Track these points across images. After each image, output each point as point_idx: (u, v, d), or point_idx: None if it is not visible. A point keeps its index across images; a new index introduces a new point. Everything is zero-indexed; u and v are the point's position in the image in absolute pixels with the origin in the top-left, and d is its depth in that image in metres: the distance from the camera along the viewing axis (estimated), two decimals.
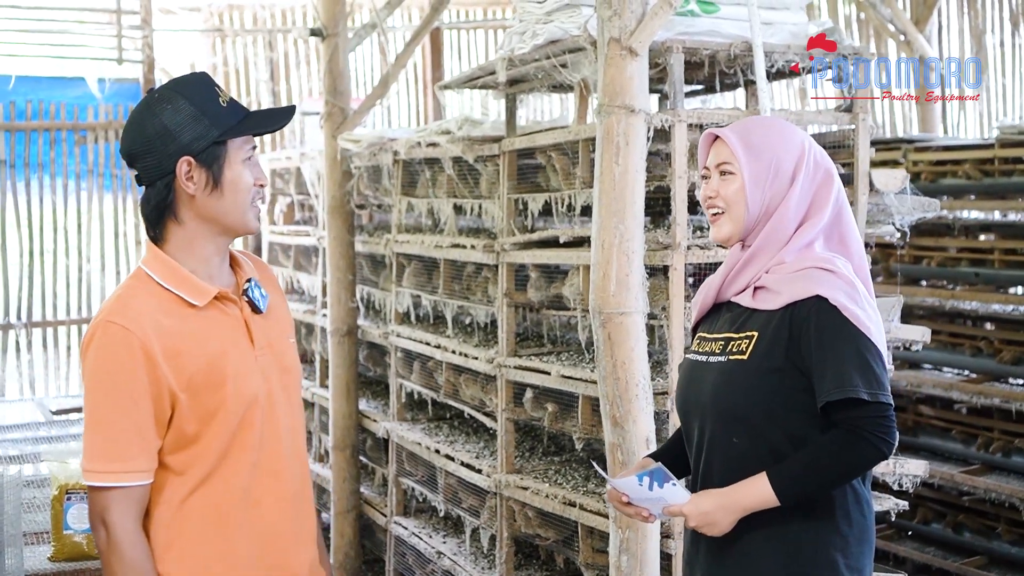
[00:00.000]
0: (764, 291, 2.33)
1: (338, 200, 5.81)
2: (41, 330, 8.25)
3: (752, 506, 2.22)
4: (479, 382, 4.49)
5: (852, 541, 2.30)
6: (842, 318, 2.20)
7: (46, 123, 8.19)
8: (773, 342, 2.25)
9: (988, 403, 5.42)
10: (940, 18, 7.28)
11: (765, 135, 2.37)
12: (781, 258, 2.33)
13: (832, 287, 2.23)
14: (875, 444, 2.15)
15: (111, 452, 2.11)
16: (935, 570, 5.63)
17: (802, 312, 2.24)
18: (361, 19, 7.96)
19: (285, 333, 2.35)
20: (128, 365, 2.10)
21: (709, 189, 2.40)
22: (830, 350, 2.19)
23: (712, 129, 2.43)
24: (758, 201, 2.34)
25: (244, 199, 2.22)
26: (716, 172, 2.39)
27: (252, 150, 2.25)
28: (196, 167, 2.17)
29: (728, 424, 2.28)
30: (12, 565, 3.43)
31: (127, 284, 2.23)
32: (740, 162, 2.34)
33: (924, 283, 6.00)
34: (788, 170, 2.34)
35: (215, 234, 2.23)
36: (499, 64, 4.02)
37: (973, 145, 5.87)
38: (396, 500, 5.26)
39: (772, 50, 3.53)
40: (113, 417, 2.11)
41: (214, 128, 2.17)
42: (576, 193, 3.80)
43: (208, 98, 2.19)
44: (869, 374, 2.17)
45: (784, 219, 2.33)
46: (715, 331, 2.40)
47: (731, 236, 2.38)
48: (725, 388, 2.29)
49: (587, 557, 3.78)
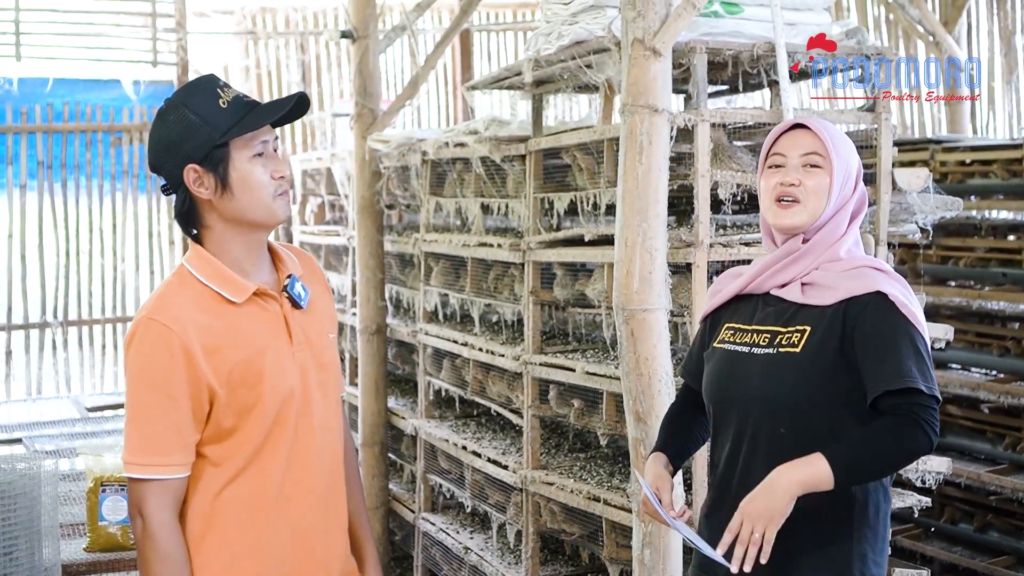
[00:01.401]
0: (814, 287, 2.35)
1: (367, 200, 5.88)
2: (77, 329, 8.37)
3: (810, 485, 2.16)
4: (506, 379, 4.54)
5: (880, 535, 2.34)
6: (900, 314, 2.25)
7: (82, 125, 8.32)
8: (826, 335, 2.29)
9: (1015, 403, 5.41)
10: (969, 19, 7.26)
11: (840, 136, 2.43)
12: (834, 254, 2.37)
13: (889, 284, 2.29)
14: (927, 433, 2.16)
15: (149, 446, 2.17)
16: (962, 570, 5.62)
17: (858, 307, 2.28)
18: (392, 21, 8.02)
19: (325, 330, 2.37)
20: (168, 363, 2.15)
21: (790, 176, 2.38)
22: (889, 343, 2.23)
23: (796, 119, 2.45)
24: (836, 198, 2.38)
25: (261, 194, 2.24)
26: (799, 160, 2.39)
27: (263, 144, 2.24)
28: (203, 173, 2.21)
29: (777, 414, 2.29)
30: (49, 555, 3.52)
31: (169, 281, 2.27)
32: (831, 156, 2.37)
33: (952, 283, 5.99)
34: (855, 174, 2.42)
35: (244, 232, 2.26)
36: (525, 65, 4.08)
37: (1001, 145, 5.86)
38: (424, 496, 5.32)
39: (795, 50, 3.57)
40: (152, 413, 2.17)
41: (214, 132, 2.20)
42: (601, 192, 3.85)
43: (208, 102, 2.21)
44: (925, 368, 2.22)
45: (842, 220, 2.39)
46: (755, 323, 2.42)
47: (802, 226, 2.39)
48: (777, 379, 2.31)
49: (611, 552, 3.82)
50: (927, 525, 5.86)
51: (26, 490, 3.34)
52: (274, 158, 2.27)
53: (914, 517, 5.69)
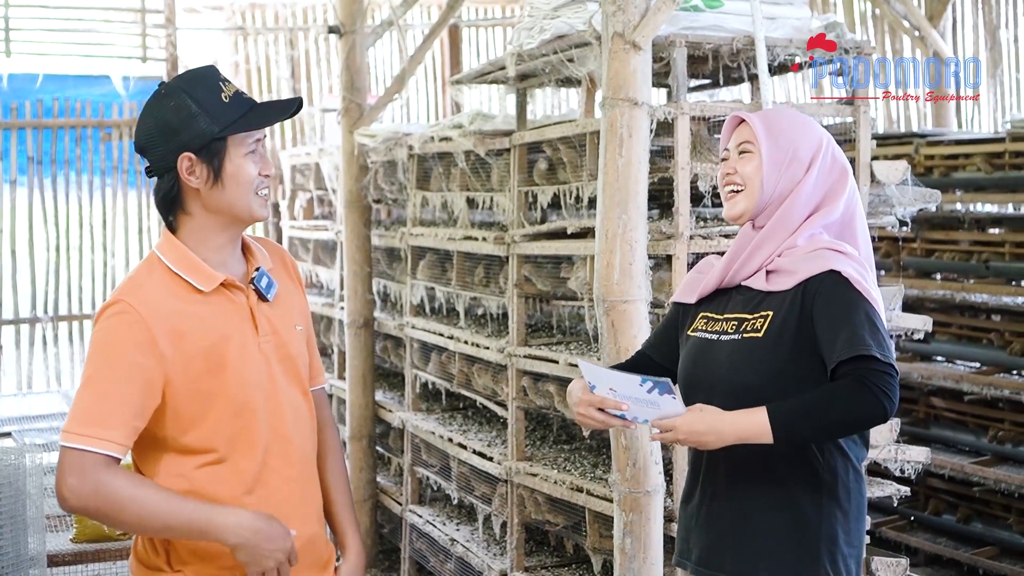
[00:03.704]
0: (777, 274, 2.41)
1: (355, 195, 5.90)
2: (67, 324, 8.40)
3: (746, 436, 2.23)
4: (490, 372, 4.58)
5: (851, 516, 2.37)
6: (854, 289, 2.30)
7: (72, 120, 8.34)
8: (787, 318, 2.34)
9: (998, 394, 5.46)
10: (954, 14, 7.30)
11: (785, 122, 2.48)
12: (792, 242, 2.42)
13: (843, 263, 2.33)
14: (879, 398, 2.17)
15: (90, 418, 2.14)
16: (946, 560, 5.67)
17: (814, 286, 2.32)
18: (380, 17, 8.05)
19: (293, 322, 2.39)
20: (130, 345, 2.17)
21: (727, 166, 2.49)
22: (842, 316, 2.27)
23: (736, 113, 2.53)
24: (773, 181, 2.42)
25: (247, 190, 2.28)
26: (736, 151, 2.48)
27: (256, 142, 2.29)
28: (197, 162, 2.24)
29: (740, 398, 2.32)
30: (35, 546, 3.55)
31: (140, 267, 2.31)
32: (760, 142, 2.43)
33: (937, 277, 6.03)
34: (804, 158, 2.43)
35: (223, 224, 2.30)
36: (508, 59, 4.11)
37: (984, 139, 5.91)
38: (411, 489, 5.35)
39: (774, 44, 3.60)
40: (103, 388, 2.16)
41: (214, 125, 2.23)
42: (583, 185, 3.88)
43: (211, 94, 2.24)
44: (880, 338, 2.25)
45: (796, 204, 2.42)
46: (726, 312, 2.47)
47: (744, 213, 2.46)
48: (740, 364, 2.36)
49: (594, 542, 3.86)
50: (911, 516, 5.91)
51: (11, 480, 3.37)
52: (263, 156, 2.32)
53: (898, 508, 5.73)
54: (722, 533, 2.40)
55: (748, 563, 2.35)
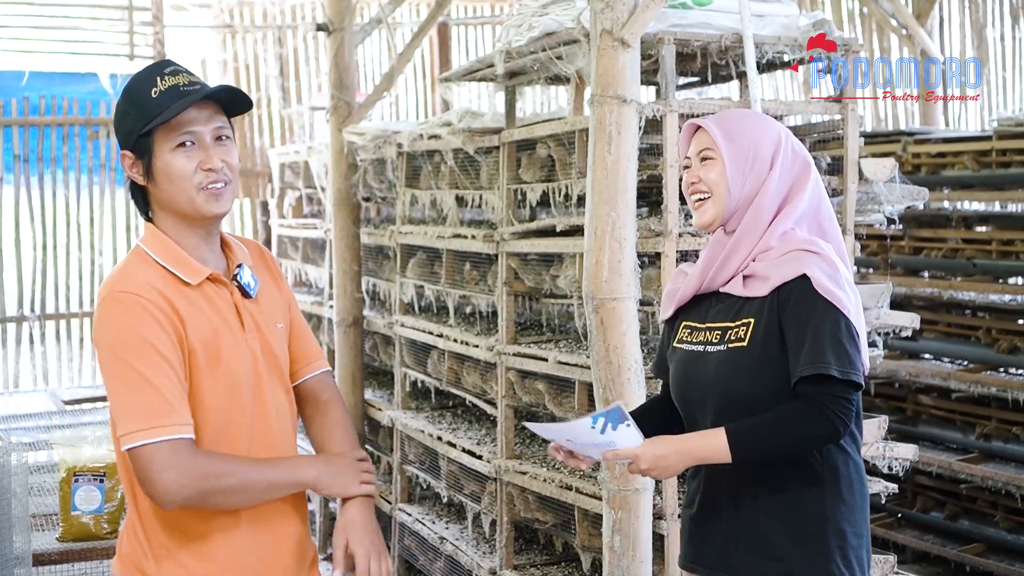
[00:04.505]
0: (753, 279, 2.39)
1: (344, 193, 5.89)
2: (54, 322, 8.37)
3: (705, 457, 2.29)
4: (479, 370, 4.57)
5: (856, 509, 2.38)
6: (821, 298, 2.27)
7: (59, 118, 8.31)
8: (768, 326, 2.32)
9: (985, 392, 5.48)
10: (941, 12, 7.33)
11: (742, 123, 2.46)
12: (766, 244, 2.40)
13: (815, 267, 2.30)
14: (833, 422, 2.22)
15: (148, 411, 2.09)
16: (934, 557, 5.69)
17: (786, 292, 2.31)
18: (369, 14, 8.04)
19: (275, 319, 2.37)
20: (149, 323, 2.13)
21: (691, 175, 2.47)
22: (807, 329, 2.26)
23: (692, 120, 2.51)
24: (739, 184, 2.40)
25: (183, 186, 2.21)
26: (697, 159, 2.46)
27: (190, 134, 2.21)
28: (135, 160, 2.24)
29: (731, 410, 2.33)
30: (20, 545, 3.53)
31: (128, 259, 2.27)
32: (720, 147, 2.41)
33: (925, 274, 6.05)
34: (766, 156, 2.41)
35: (183, 221, 2.26)
36: (497, 57, 4.10)
37: (971, 137, 5.93)
38: (401, 487, 5.35)
39: (763, 42, 3.60)
40: (144, 378, 2.10)
41: (139, 120, 2.20)
42: (572, 183, 3.87)
43: (143, 90, 2.21)
44: (842, 353, 2.24)
45: (764, 204, 2.40)
46: (708, 320, 2.45)
47: (714, 220, 2.44)
48: (730, 376, 2.35)
49: (583, 540, 3.86)
50: (898, 513, 5.93)
51: None
52: (206, 149, 2.22)
53: (885, 505, 5.76)
54: (730, 539, 2.40)
55: (759, 567, 2.36)
